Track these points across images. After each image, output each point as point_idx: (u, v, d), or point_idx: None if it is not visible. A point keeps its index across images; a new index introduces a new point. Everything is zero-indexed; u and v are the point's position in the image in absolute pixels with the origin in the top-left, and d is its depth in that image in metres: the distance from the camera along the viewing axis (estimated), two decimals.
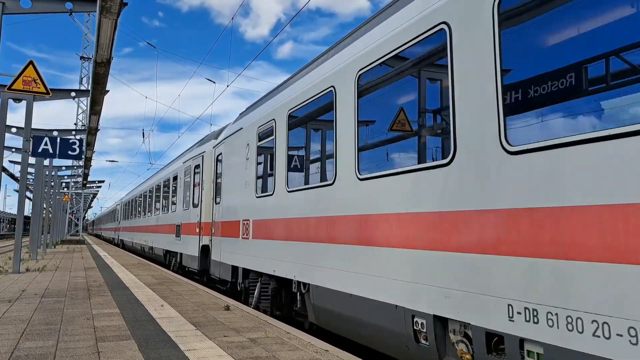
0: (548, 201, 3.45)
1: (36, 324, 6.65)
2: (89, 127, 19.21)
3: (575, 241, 3.24)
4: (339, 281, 6.23)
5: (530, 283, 3.54)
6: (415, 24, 5.11)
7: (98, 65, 12.25)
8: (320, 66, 7.44)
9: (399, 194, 5.17)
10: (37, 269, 15.25)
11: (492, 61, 4.03)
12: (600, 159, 3.13)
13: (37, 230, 20.04)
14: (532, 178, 3.59)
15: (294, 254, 7.57)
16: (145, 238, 25.00)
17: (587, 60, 3.47)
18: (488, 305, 3.91)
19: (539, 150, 3.54)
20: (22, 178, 15.50)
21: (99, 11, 9.44)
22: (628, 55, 3.22)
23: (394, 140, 5.76)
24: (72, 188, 51.04)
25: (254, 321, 7.07)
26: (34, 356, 4.95)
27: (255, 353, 5.18)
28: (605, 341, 3.00)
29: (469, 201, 4.19)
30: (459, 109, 4.38)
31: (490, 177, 4.00)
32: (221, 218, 11.72)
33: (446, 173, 4.50)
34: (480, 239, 4.03)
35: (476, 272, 4.05)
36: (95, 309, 7.95)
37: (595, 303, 3.08)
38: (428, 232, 4.68)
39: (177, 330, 6.32)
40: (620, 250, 2.98)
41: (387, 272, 5.26)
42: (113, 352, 5.15)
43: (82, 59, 40.05)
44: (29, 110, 14.71)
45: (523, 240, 3.63)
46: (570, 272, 3.26)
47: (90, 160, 28.62)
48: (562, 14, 3.61)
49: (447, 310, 4.37)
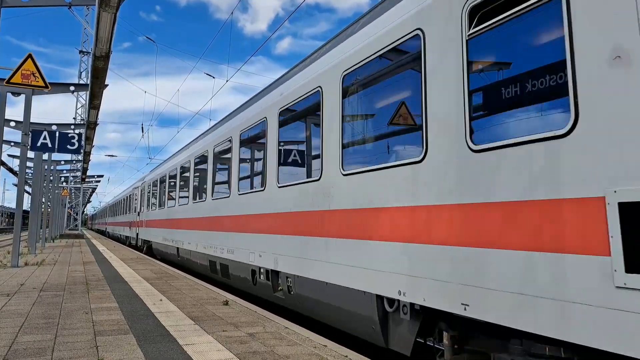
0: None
1: (35, 317, 6.66)
2: (88, 121, 19.14)
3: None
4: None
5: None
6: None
7: (97, 59, 12.19)
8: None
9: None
10: (36, 263, 15.25)
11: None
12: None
13: (35, 224, 20.03)
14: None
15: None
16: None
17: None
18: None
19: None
20: (20, 172, 15.46)
21: (99, 4, 9.39)
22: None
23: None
24: (71, 182, 50.96)
25: (252, 316, 7.08)
26: (32, 350, 4.95)
27: (253, 348, 5.19)
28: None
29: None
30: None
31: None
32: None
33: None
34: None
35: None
36: (93, 303, 7.95)
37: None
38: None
39: (176, 324, 6.32)
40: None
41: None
42: (112, 346, 5.15)
43: (81, 53, 39.92)
44: (28, 104, 14.66)
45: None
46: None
47: (89, 155, 28.54)
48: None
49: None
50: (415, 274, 4.58)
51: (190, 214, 14.11)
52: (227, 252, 10.48)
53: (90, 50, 32.04)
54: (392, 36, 5.31)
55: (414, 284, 4.60)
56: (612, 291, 2.94)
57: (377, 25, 5.70)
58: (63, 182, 46.93)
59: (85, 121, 21.09)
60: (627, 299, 2.87)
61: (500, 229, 3.74)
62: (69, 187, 51.33)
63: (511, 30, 3.85)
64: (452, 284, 4.13)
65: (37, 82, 12.67)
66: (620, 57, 2.99)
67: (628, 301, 2.86)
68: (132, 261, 17.26)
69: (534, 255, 3.46)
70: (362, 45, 5.89)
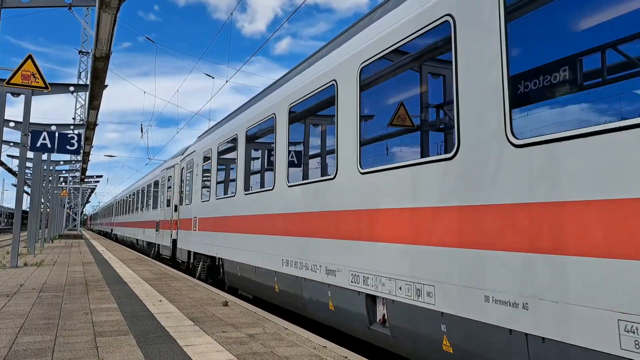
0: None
1: (34, 318, 6.66)
2: (87, 121, 19.13)
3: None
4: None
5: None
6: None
7: (97, 60, 12.19)
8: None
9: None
10: (35, 264, 15.24)
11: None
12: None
13: (35, 224, 20.03)
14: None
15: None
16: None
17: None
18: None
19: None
20: (20, 172, 15.46)
21: (99, 6, 9.39)
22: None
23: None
24: (70, 183, 50.93)
25: (252, 317, 7.08)
26: (32, 351, 4.96)
27: (253, 349, 5.20)
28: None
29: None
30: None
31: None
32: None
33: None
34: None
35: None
36: (93, 303, 7.96)
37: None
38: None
39: (176, 325, 6.33)
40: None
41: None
42: (111, 347, 5.16)
43: (81, 53, 39.94)
44: (28, 104, 14.66)
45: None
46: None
47: (88, 155, 28.50)
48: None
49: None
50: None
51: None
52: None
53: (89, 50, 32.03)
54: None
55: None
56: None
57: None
58: (62, 182, 46.90)
59: (84, 121, 21.08)
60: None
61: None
62: (68, 188, 51.29)
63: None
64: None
65: (37, 82, 12.66)
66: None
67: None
68: (131, 262, 17.26)
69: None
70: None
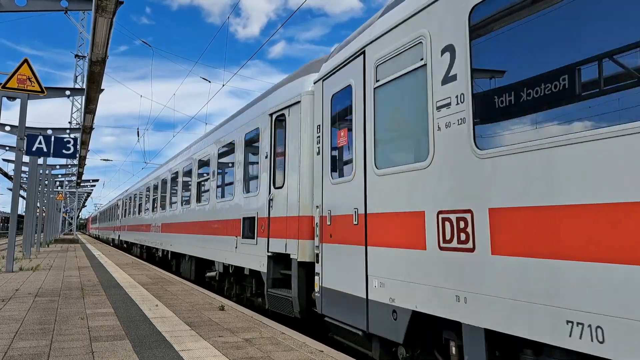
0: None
1: (30, 323, 6.63)
2: (83, 125, 19.11)
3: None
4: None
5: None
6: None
7: (93, 64, 12.19)
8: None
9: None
10: (31, 268, 15.17)
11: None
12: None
13: (30, 229, 19.95)
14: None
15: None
16: None
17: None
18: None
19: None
20: (15, 176, 15.39)
21: (95, 10, 9.40)
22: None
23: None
24: (66, 187, 50.75)
25: (248, 321, 7.07)
26: (28, 356, 4.94)
27: (250, 353, 5.19)
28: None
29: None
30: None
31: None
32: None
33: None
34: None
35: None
36: (89, 308, 7.93)
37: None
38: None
39: (172, 330, 6.31)
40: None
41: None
42: (107, 352, 5.14)
43: (77, 57, 39.81)
44: (23, 108, 14.61)
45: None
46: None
47: (84, 159, 28.46)
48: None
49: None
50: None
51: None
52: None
53: (85, 54, 31.98)
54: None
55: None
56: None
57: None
58: (58, 186, 46.72)
59: (80, 125, 21.04)
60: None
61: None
62: (64, 192, 51.11)
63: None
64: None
65: (33, 86, 12.65)
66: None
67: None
68: (127, 266, 17.20)
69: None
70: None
